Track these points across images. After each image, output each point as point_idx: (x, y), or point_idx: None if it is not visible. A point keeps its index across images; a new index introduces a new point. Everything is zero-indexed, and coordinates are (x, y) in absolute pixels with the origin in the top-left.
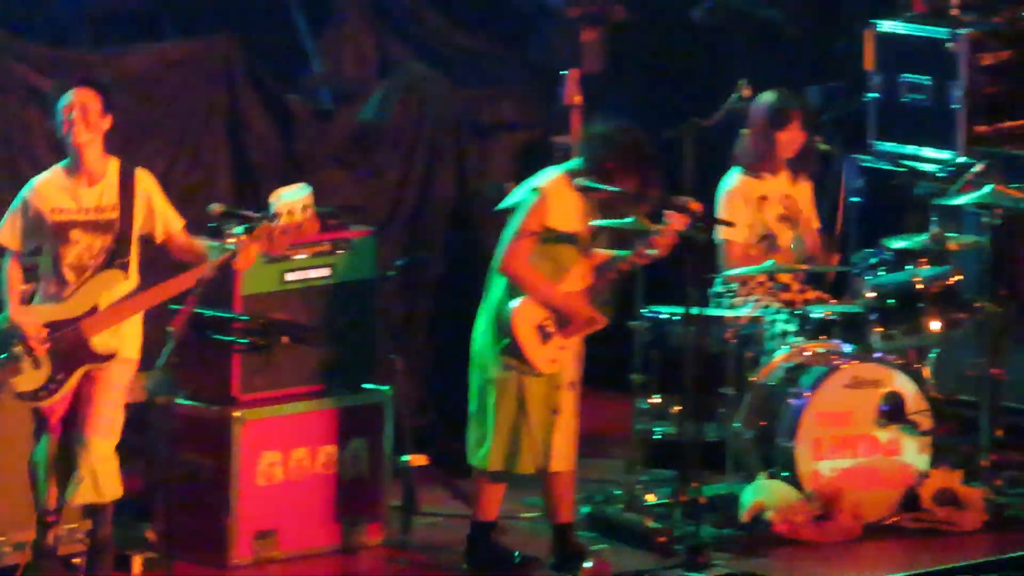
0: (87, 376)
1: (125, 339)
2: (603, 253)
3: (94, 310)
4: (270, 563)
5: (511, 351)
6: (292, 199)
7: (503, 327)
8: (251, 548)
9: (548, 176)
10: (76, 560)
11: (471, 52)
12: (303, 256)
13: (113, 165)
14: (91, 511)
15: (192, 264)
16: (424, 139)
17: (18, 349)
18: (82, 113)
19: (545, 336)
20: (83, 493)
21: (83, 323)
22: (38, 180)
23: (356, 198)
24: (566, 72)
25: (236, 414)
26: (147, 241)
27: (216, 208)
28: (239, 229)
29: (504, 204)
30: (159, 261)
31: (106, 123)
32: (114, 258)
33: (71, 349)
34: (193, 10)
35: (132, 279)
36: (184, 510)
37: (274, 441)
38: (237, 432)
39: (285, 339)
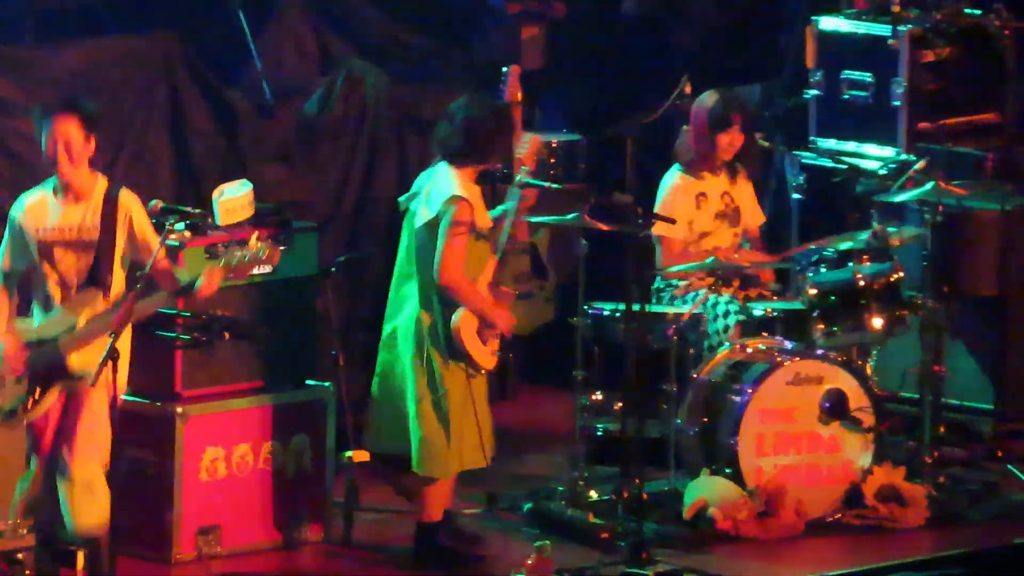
0: (72, 399)
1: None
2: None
3: (72, 328)
4: (213, 559)
5: (459, 355)
6: (234, 195)
7: (450, 339)
8: (194, 544)
9: (450, 178)
10: (20, 556)
11: (412, 48)
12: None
13: (100, 185)
14: (37, 508)
15: (162, 285)
16: (365, 135)
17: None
18: (65, 148)
19: (483, 338)
20: (76, 526)
21: (60, 341)
22: (27, 198)
23: (297, 194)
24: (507, 68)
25: (179, 410)
26: (134, 266)
27: (157, 204)
28: (180, 225)
29: (424, 219)
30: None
31: (90, 148)
32: (95, 277)
33: (48, 367)
34: (134, 6)
35: (112, 300)
36: (127, 506)
37: (217, 437)
38: (180, 428)
39: (227, 335)
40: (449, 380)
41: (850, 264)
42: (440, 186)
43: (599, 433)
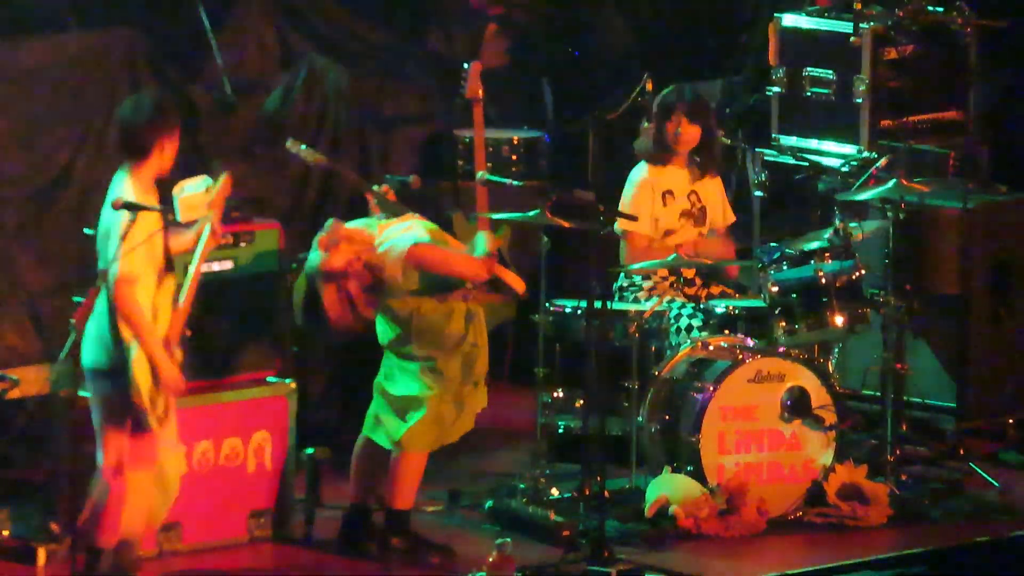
0: None
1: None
2: None
3: None
4: (174, 555)
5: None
6: (194, 191)
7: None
8: (155, 540)
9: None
10: None
11: (373, 45)
12: None
13: None
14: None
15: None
16: (326, 132)
17: None
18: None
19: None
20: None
21: None
22: None
23: (259, 190)
24: (468, 64)
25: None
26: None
27: (118, 200)
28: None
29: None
30: None
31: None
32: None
33: None
34: (95, 2)
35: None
36: (88, 502)
37: (178, 434)
38: None
39: (188, 332)
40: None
41: (812, 262)
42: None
43: (560, 430)
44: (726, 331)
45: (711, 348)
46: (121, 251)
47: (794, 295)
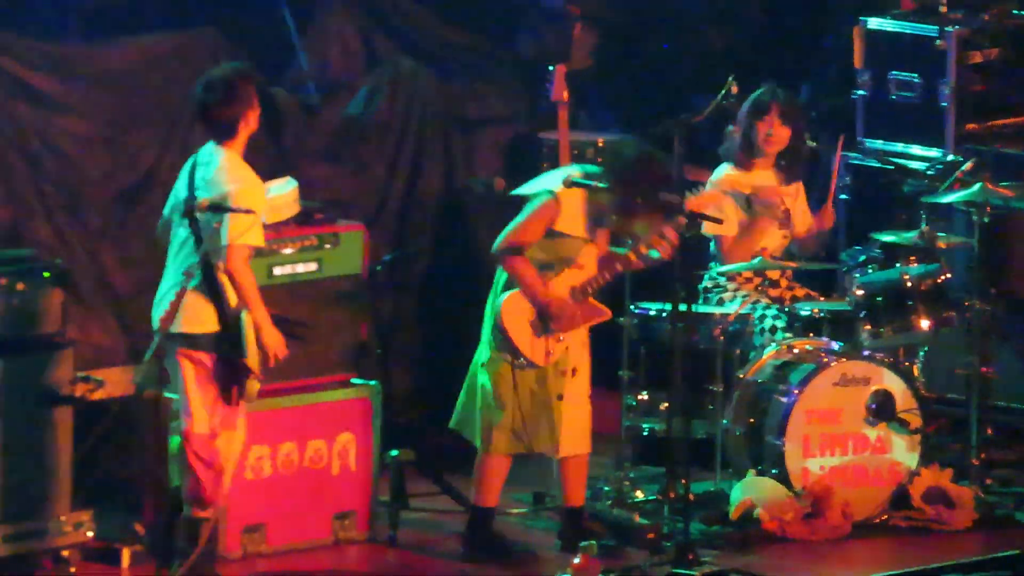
0: None
1: None
2: (609, 249)
3: None
4: (259, 557)
5: (502, 342)
6: (279, 193)
7: (495, 318)
8: (239, 542)
9: (565, 179)
10: (66, 554)
11: (458, 47)
12: (290, 251)
13: None
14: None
15: None
16: (411, 134)
17: None
18: None
19: (537, 330)
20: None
21: None
22: None
23: (343, 193)
24: (553, 67)
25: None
26: None
27: (204, 201)
28: None
29: (520, 191)
30: None
31: None
32: None
33: None
34: (179, 3)
35: None
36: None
37: (262, 435)
38: None
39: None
40: (492, 364)
41: (897, 265)
42: (549, 176)
43: (645, 433)
44: (811, 334)
45: (796, 351)
46: (231, 219)
47: (879, 298)
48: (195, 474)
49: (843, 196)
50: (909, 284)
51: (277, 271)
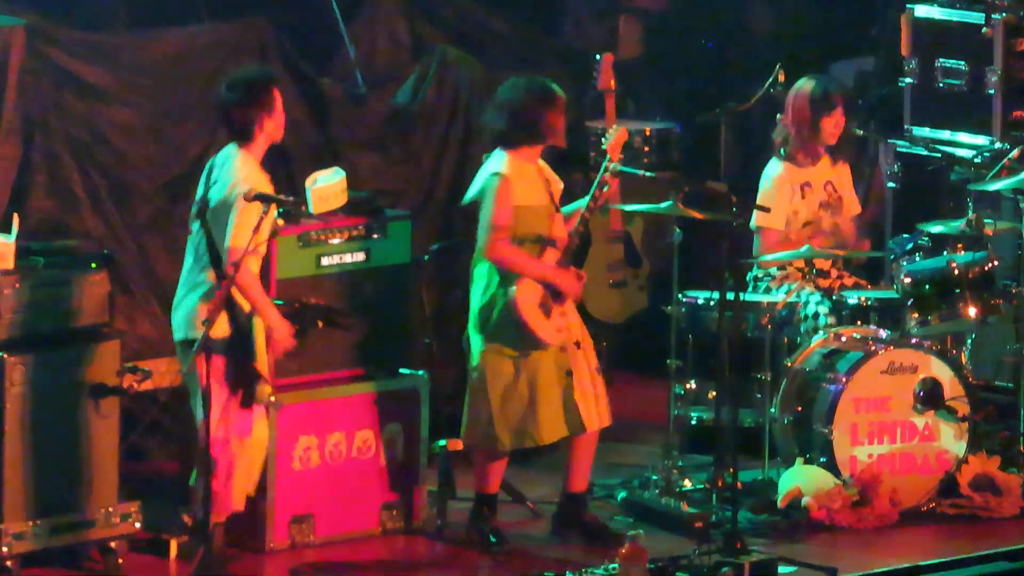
0: None
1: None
2: (568, 211)
3: None
4: (306, 547)
5: (517, 337)
6: (327, 183)
7: (505, 312)
8: (288, 532)
9: (498, 160)
10: (113, 545)
11: (504, 36)
12: (338, 241)
13: None
14: None
15: None
16: (458, 124)
17: None
18: None
19: (547, 311)
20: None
21: None
22: None
23: (391, 183)
24: (600, 56)
25: (272, 398)
26: None
27: (251, 191)
28: (275, 213)
29: (468, 197)
30: None
31: None
32: None
33: None
34: None
35: None
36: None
37: (310, 426)
38: (273, 417)
39: (320, 323)
40: (488, 360)
41: (945, 252)
42: (485, 168)
43: (693, 422)
44: (858, 322)
45: (844, 339)
46: (234, 230)
47: (927, 286)
48: (207, 478)
49: (891, 184)
50: (956, 272)
51: (325, 261)
